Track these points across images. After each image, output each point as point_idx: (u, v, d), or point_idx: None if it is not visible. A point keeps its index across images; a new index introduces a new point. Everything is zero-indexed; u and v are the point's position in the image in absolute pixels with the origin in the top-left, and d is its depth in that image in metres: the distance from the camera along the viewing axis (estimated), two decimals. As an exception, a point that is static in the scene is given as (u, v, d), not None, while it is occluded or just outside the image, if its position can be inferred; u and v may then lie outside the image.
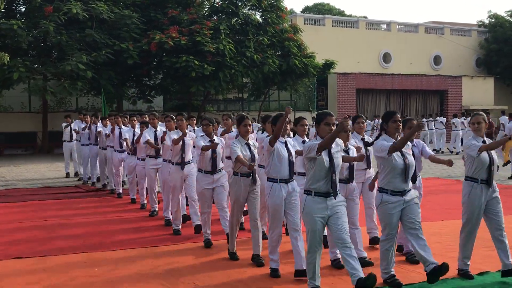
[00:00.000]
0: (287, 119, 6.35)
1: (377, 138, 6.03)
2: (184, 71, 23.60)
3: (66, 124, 17.01)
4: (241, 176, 6.90)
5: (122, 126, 12.50)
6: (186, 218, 9.35)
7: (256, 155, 7.05)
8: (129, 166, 11.80)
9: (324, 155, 5.51)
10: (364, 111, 33.45)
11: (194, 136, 8.93)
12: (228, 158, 8.87)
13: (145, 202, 11.16)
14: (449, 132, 27.59)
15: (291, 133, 7.71)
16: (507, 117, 25.85)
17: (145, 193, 11.15)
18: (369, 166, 7.63)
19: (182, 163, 8.74)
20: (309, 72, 27.75)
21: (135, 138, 11.04)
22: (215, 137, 7.93)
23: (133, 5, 26.15)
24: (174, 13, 25.63)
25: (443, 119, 27.71)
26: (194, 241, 8.23)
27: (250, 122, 7.31)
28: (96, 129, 14.16)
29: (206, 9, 28.70)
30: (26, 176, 17.54)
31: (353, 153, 6.98)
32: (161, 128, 10.42)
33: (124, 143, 12.04)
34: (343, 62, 33.18)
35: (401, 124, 6.02)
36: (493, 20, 43.62)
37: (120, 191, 12.78)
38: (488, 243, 6.69)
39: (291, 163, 6.43)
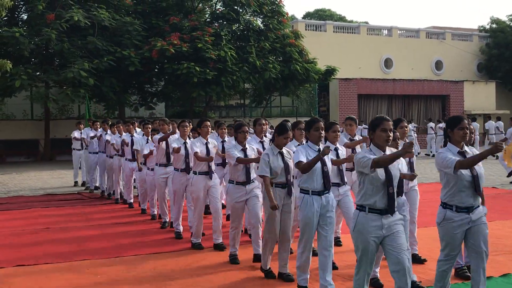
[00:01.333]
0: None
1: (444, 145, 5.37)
2: (185, 77, 23.64)
3: (77, 134, 16.05)
4: (275, 186, 6.39)
5: (134, 134, 11.90)
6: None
7: (291, 165, 6.44)
8: (140, 175, 11.30)
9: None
10: (366, 116, 33.46)
11: (216, 143, 8.52)
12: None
13: (155, 213, 10.80)
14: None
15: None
16: (493, 122, 25.97)
17: (155, 203, 10.82)
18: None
19: (209, 172, 8.15)
20: (311, 78, 27.78)
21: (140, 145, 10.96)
22: (247, 146, 7.35)
23: (134, 12, 26.23)
24: (175, 20, 25.70)
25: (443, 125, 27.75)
26: (197, 247, 8.22)
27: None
28: (105, 136, 13.59)
29: (207, 16, 28.79)
30: (29, 183, 17.56)
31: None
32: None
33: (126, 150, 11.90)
34: (344, 67, 33.21)
35: (468, 132, 5.22)
36: (494, 25, 43.66)
37: (132, 200, 12.29)
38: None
39: (325, 174, 5.83)
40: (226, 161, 7.89)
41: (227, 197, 7.51)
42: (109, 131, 13.59)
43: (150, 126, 11.30)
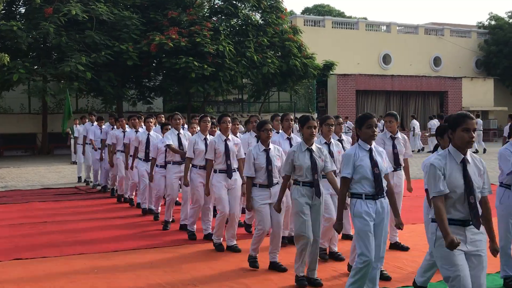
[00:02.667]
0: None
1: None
2: (183, 72, 23.60)
3: (82, 130, 15.45)
4: (302, 185, 6.00)
5: (139, 129, 11.19)
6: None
7: (319, 163, 6.05)
8: (140, 172, 10.62)
9: (457, 173, 4.24)
10: (364, 112, 33.37)
11: (239, 141, 8.07)
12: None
13: (158, 211, 10.15)
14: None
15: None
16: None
17: (152, 201, 10.31)
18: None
19: (229, 171, 7.68)
20: (309, 73, 27.75)
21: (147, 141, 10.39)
22: (271, 145, 6.82)
23: (133, 6, 26.17)
24: (173, 14, 25.64)
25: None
26: (193, 242, 8.22)
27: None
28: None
29: (205, 10, 28.72)
30: (26, 177, 17.53)
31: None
32: (184, 132, 9.55)
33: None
34: (343, 63, 33.20)
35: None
36: (492, 21, 43.67)
37: (133, 197, 11.73)
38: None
39: (377, 177, 5.22)
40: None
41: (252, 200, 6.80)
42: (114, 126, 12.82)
43: (151, 120, 10.84)
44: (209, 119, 8.43)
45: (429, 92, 36.01)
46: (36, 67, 24.32)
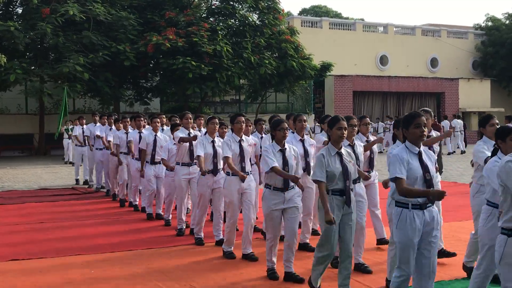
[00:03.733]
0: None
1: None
2: (181, 72, 23.59)
3: (79, 131, 15.31)
4: (332, 194, 5.46)
5: (143, 130, 10.92)
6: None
7: (350, 168, 5.60)
8: (147, 176, 10.19)
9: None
10: (361, 113, 33.43)
11: (252, 141, 7.83)
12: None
13: (170, 218, 9.62)
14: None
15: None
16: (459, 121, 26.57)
17: (161, 204, 10.01)
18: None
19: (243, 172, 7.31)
20: (306, 74, 27.76)
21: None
22: (287, 146, 6.40)
23: (130, 7, 26.15)
24: (171, 15, 25.63)
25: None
26: (190, 242, 8.21)
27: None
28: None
29: (203, 11, 28.71)
30: (23, 178, 17.51)
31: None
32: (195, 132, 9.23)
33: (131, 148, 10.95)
34: (340, 64, 33.18)
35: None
36: (489, 23, 43.75)
37: (137, 202, 11.28)
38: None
39: (428, 183, 4.70)
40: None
41: (262, 204, 6.41)
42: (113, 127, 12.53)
43: (158, 120, 10.46)
44: (217, 121, 8.08)
45: (426, 93, 36.04)
46: (33, 67, 24.29)
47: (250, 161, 7.62)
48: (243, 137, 7.44)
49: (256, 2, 27.47)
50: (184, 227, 8.83)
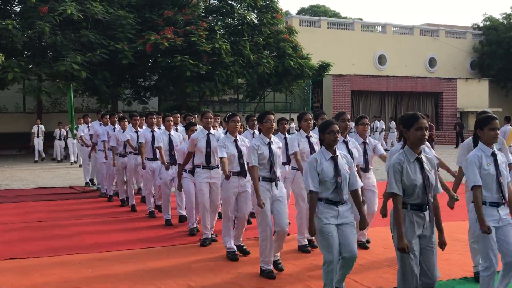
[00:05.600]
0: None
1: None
2: (179, 71, 23.57)
3: (85, 131, 14.64)
4: (411, 209, 4.75)
5: (156, 129, 10.43)
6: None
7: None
8: (164, 179, 9.68)
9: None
10: (359, 113, 33.46)
11: (280, 144, 7.03)
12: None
13: (195, 226, 8.83)
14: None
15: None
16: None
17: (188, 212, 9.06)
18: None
19: (273, 178, 6.69)
20: (305, 73, 27.76)
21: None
22: (337, 151, 5.55)
23: (128, 5, 26.08)
24: (169, 14, 25.59)
25: None
26: (188, 242, 8.21)
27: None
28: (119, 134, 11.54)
29: (201, 10, 28.68)
30: (20, 176, 17.48)
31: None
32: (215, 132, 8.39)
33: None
34: (338, 63, 33.21)
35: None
36: (487, 23, 43.79)
37: (134, 202, 11.03)
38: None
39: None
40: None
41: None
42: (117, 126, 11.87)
43: (172, 119, 9.89)
44: (239, 118, 7.36)
45: (424, 93, 36.07)
46: (31, 66, 24.22)
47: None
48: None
49: (255, 1, 27.45)
50: (210, 236, 8.04)
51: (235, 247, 7.25)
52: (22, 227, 9.51)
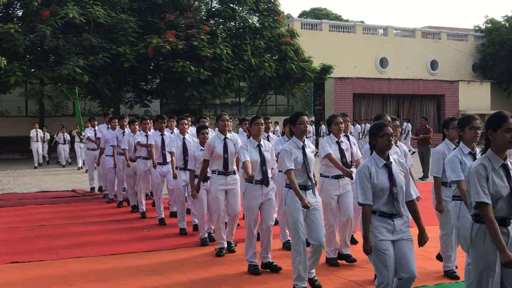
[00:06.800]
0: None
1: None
2: (180, 75, 23.60)
3: (91, 133, 14.16)
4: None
5: (165, 133, 10.17)
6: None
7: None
8: (176, 185, 9.21)
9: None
10: (361, 115, 33.49)
11: (313, 147, 6.33)
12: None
13: (206, 235, 8.36)
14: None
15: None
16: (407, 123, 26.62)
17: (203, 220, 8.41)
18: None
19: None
20: (306, 76, 27.77)
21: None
22: (391, 158, 5.18)
23: (130, 9, 26.15)
24: (171, 17, 25.64)
25: None
26: (191, 245, 8.20)
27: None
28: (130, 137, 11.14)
29: (203, 14, 28.73)
30: (23, 180, 17.50)
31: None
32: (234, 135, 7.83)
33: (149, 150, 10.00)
34: (340, 66, 33.24)
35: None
36: (489, 25, 43.81)
37: (144, 209, 10.63)
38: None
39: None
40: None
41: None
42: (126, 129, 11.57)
43: (186, 122, 9.34)
44: (262, 121, 6.82)
45: (426, 95, 36.07)
46: (33, 70, 24.29)
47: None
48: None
49: (256, 4, 27.50)
50: (225, 245, 7.55)
51: (257, 261, 6.71)
52: (24, 230, 9.51)
